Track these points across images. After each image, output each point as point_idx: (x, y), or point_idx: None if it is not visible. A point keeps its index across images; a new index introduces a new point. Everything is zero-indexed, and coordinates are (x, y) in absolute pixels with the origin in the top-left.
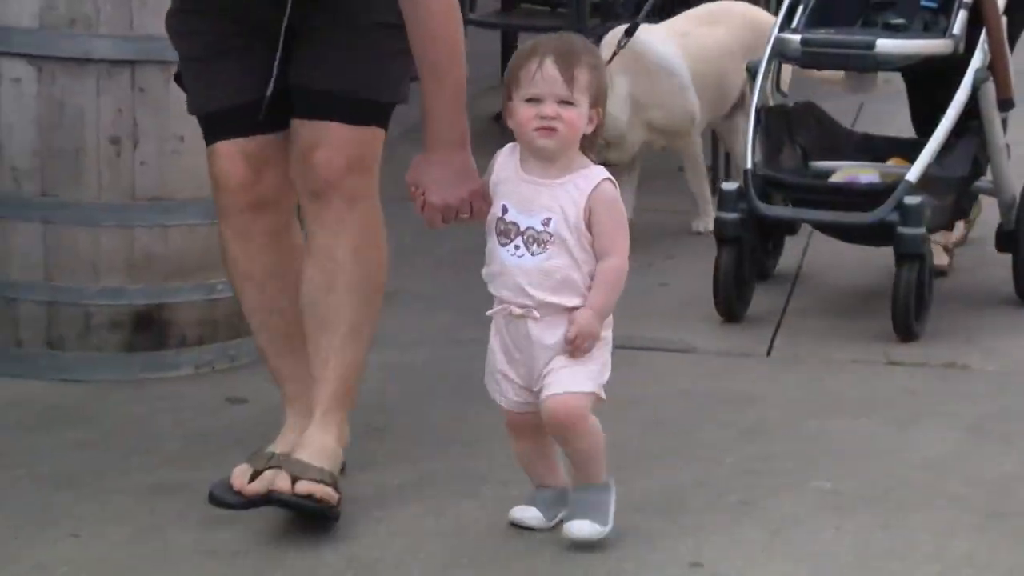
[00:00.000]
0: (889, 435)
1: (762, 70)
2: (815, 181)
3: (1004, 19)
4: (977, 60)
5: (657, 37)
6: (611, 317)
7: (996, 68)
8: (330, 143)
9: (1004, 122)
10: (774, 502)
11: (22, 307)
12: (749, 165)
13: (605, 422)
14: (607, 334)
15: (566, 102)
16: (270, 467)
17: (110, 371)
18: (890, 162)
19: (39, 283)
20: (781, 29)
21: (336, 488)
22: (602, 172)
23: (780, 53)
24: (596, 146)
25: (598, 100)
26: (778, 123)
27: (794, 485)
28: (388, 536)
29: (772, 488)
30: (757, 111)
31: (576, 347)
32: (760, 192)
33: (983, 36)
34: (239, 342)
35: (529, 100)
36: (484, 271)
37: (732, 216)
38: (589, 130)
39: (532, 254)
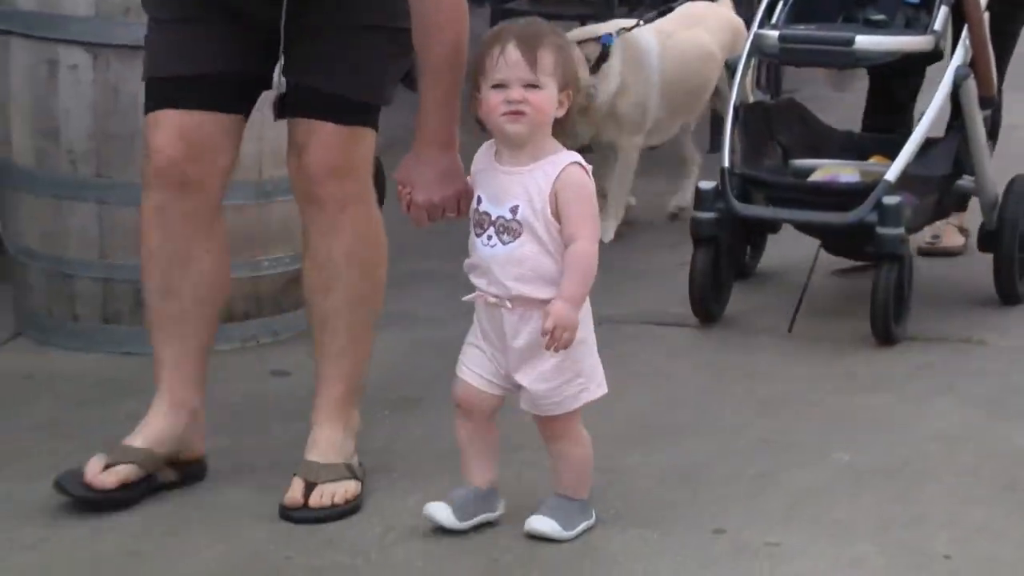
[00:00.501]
0: (906, 409)
1: (740, 67)
2: (794, 180)
3: (986, 15)
4: (958, 57)
5: (646, 33)
6: (590, 319)
7: (978, 65)
8: (319, 141)
9: (986, 120)
10: (793, 474)
11: (79, 283)
12: (726, 163)
13: (628, 396)
14: (587, 336)
15: (532, 85)
16: (126, 462)
17: None
18: (872, 160)
19: (95, 261)
20: (760, 25)
21: (354, 474)
22: (570, 156)
23: (758, 49)
24: (568, 130)
25: (567, 83)
26: (758, 121)
27: (813, 457)
28: (422, 505)
29: (791, 460)
30: (735, 108)
31: (554, 339)
32: (739, 190)
33: (964, 33)
34: (282, 317)
35: (495, 86)
36: (465, 262)
37: (708, 215)
38: (560, 114)
39: (503, 243)
